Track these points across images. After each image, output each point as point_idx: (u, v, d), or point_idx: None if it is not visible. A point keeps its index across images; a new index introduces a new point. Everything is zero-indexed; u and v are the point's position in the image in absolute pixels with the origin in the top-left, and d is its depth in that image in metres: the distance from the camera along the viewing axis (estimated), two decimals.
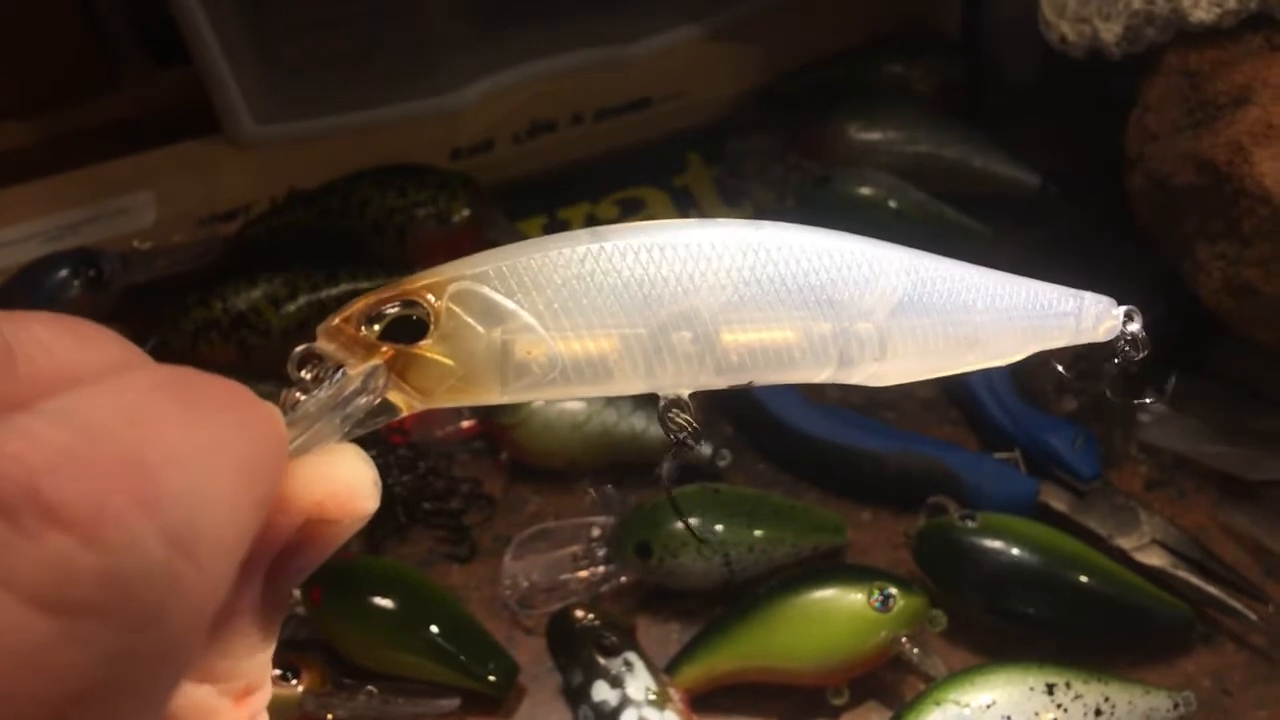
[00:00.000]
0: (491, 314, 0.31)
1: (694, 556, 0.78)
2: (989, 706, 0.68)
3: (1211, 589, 0.76)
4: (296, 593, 0.77)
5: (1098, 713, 0.69)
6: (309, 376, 0.31)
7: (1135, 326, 0.38)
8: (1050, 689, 0.69)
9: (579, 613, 0.75)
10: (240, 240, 0.99)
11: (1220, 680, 0.74)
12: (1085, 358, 0.89)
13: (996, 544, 0.75)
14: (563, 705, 0.76)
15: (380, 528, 0.85)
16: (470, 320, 0.31)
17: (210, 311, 0.91)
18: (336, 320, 0.31)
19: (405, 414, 0.32)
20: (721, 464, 0.85)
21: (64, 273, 0.93)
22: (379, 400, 0.31)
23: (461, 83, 1.05)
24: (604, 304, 0.32)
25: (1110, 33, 0.78)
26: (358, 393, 0.30)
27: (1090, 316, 0.37)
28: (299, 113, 1.04)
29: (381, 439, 0.87)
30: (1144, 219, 0.80)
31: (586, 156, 1.08)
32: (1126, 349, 0.38)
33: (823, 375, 0.35)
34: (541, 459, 0.86)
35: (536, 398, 0.33)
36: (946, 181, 0.98)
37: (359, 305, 0.31)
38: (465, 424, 0.88)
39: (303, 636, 0.79)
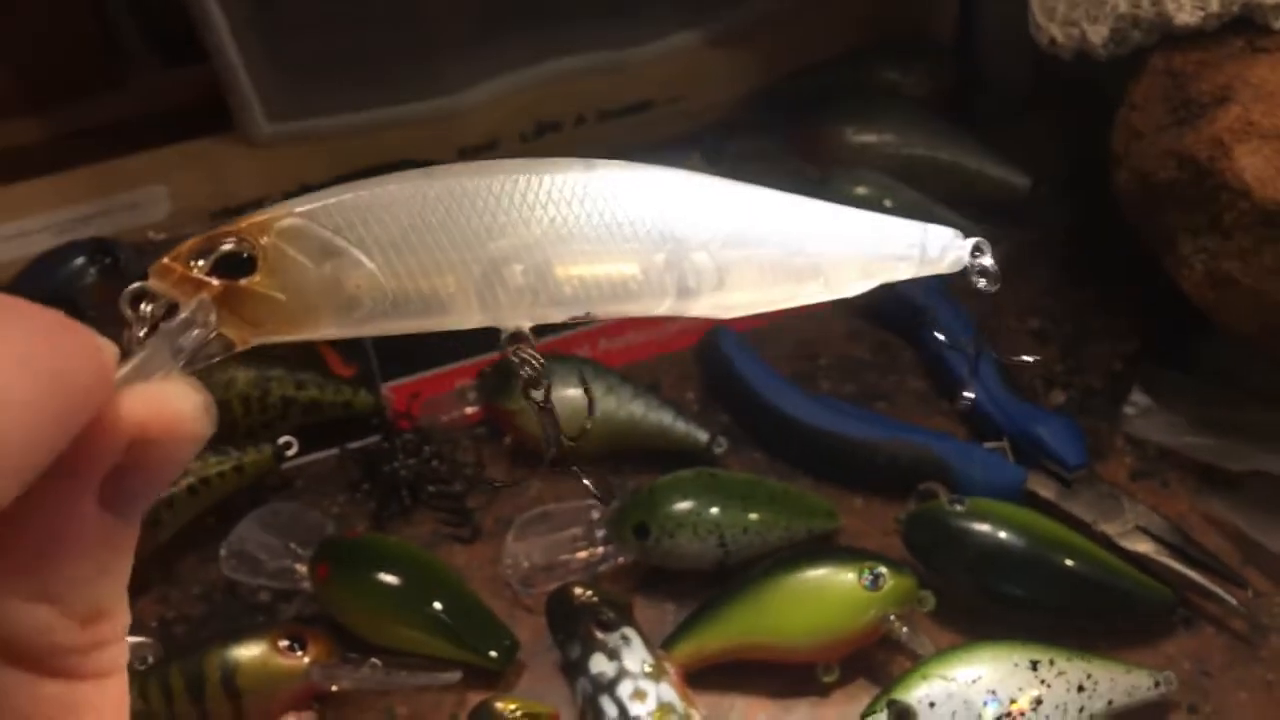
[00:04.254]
0: (320, 250, 0.32)
1: (690, 538, 0.80)
2: (975, 681, 0.71)
3: (1193, 574, 0.78)
4: (303, 569, 0.80)
5: (1080, 689, 0.71)
6: (144, 314, 0.32)
7: (987, 260, 0.38)
8: (1034, 665, 0.71)
9: (578, 590, 0.77)
10: None
11: (1201, 662, 0.77)
12: (1073, 354, 0.91)
13: (984, 527, 0.77)
14: (561, 681, 0.78)
15: (385, 509, 0.87)
16: (298, 256, 0.32)
17: None
18: (166, 259, 0.32)
19: (240, 347, 0.33)
20: (718, 451, 0.87)
21: (80, 260, 0.96)
22: (213, 334, 0.32)
23: (468, 83, 1.07)
24: (433, 239, 0.33)
25: (1097, 35, 0.80)
26: (189, 325, 0.31)
27: (935, 247, 0.38)
28: (310, 111, 1.06)
29: (388, 424, 0.90)
30: (1129, 214, 0.82)
31: (589, 156, 1.10)
32: (980, 281, 0.38)
33: (662, 307, 0.36)
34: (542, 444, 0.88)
35: (374, 331, 0.34)
36: (940, 183, 1.01)
37: (188, 244, 0.32)
38: (469, 409, 0.91)
39: (309, 611, 0.81)
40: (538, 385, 0.35)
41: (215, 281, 0.32)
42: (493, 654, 0.78)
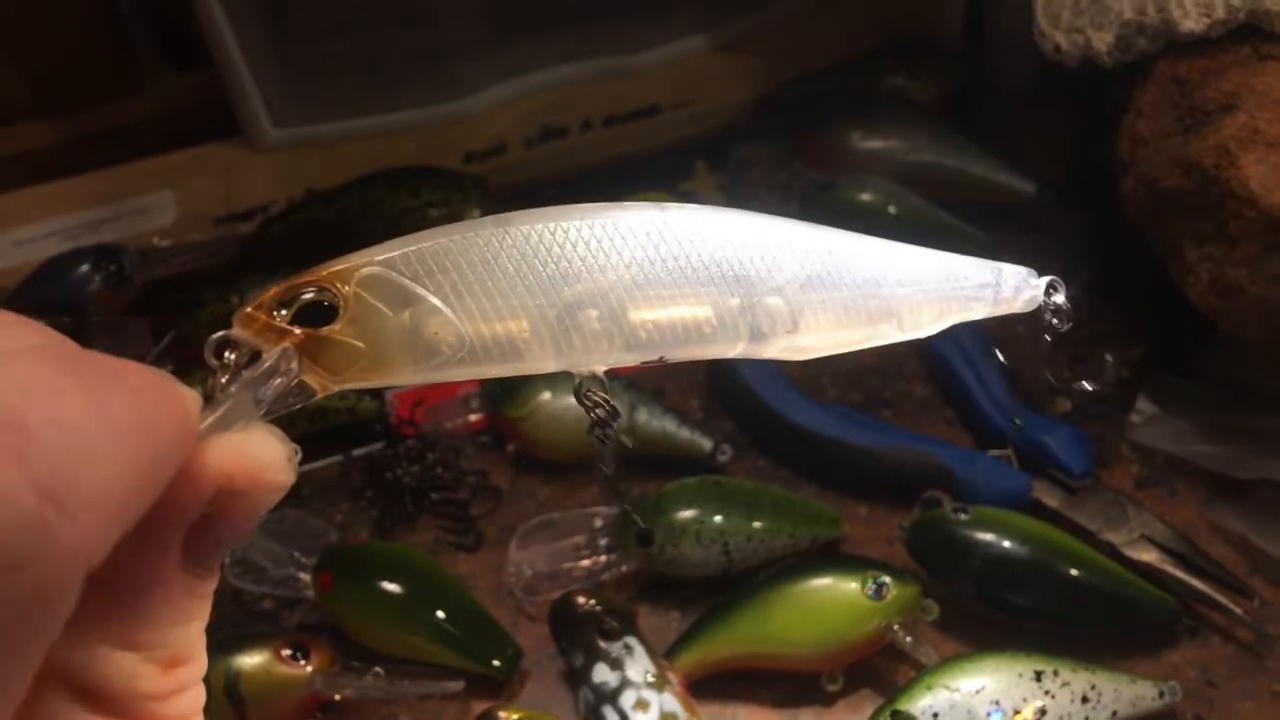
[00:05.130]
0: (399, 297, 0.33)
1: (694, 546, 0.80)
2: (979, 691, 0.70)
3: (1198, 584, 0.78)
4: (306, 577, 0.80)
5: (1084, 700, 0.71)
6: (229, 361, 0.32)
7: (1060, 298, 0.39)
8: (1038, 676, 0.71)
9: (581, 598, 0.77)
10: (258, 238, 1.02)
11: (1206, 672, 0.76)
12: (1082, 361, 0.91)
13: (988, 536, 0.77)
14: (564, 690, 0.78)
15: (388, 517, 0.87)
16: (378, 304, 0.33)
17: (227, 306, 0.93)
18: (249, 308, 0.33)
19: (320, 394, 0.33)
20: (722, 459, 0.87)
21: (85, 267, 0.96)
22: (294, 381, 0.32)
23: (475, 88, 1.07)
24: (509, 285, 0.33)
25: (1102, 42, 0.80)
26: (271, 375, 0.32)
27: (1010, 287, 0.38)
28: (316, 116, 1.06)
29: (392, 431, 0.90)
30: (1135, 221, 0.82)
31: (595, 161, 1.11)
32: (1052, 320, 0.38)
33: (736, 350, 0.36)
34: (547, 451, 0.88)
35: (451, 377, 0.34)
36: (945, 188, 1.01)
37: (270, 293, 0.33)
38: (473, 417, 0.91)
39: (313, 619, 0.81)
40: (608, 427, 0.35)
41: (297, 330, 0.32)
42: (496, 663, 0.78)
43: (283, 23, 1.02)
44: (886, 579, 0.75)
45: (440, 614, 0.78)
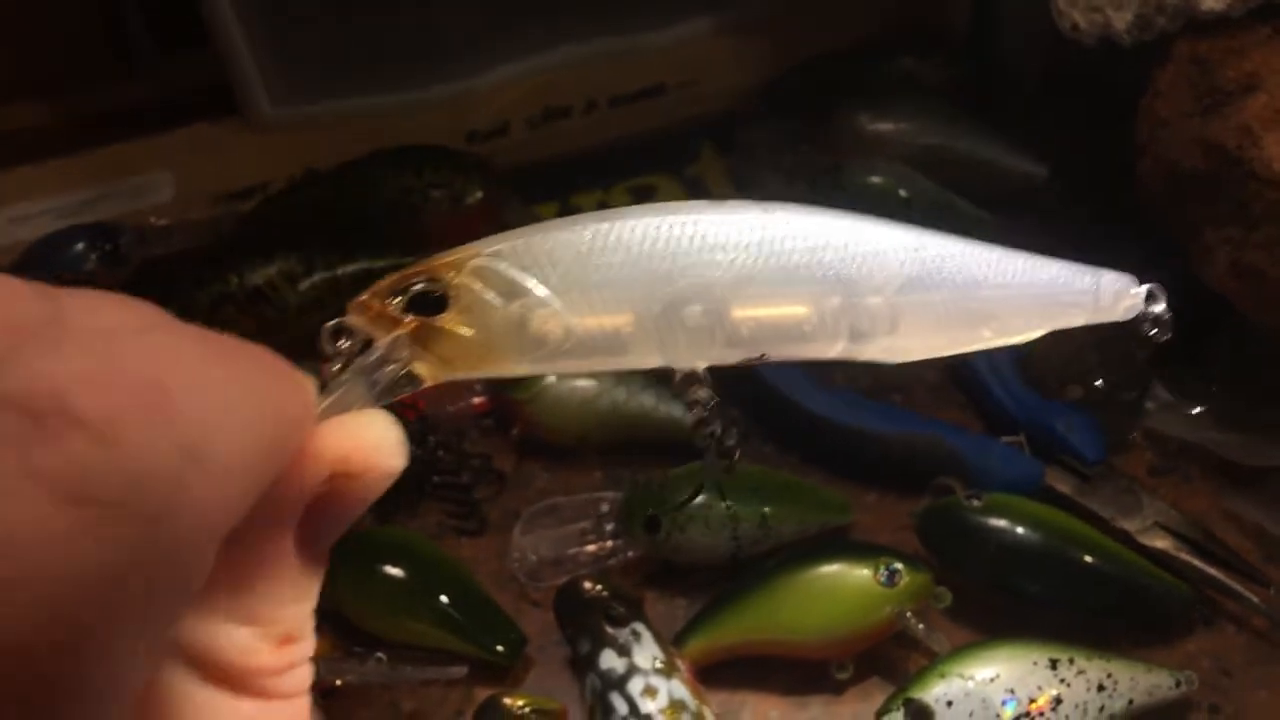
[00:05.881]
0: (508, 289, 0.33)
1: (702, 531, 0.78)
2: (993, 680, 0.69)
3: (1213, 571, 0.77)
4: None
5: (1100, 688, 0.70)
6: (342, 348, 0.33)
7: (1159, 307, 0.38)
8: (1054, 664, 0.70)
9: (587, 583, 0.76)
10: (257, 217, 1.00)
11: (1220, 661, 0.75)
12: (1093, 348, 0.90)
13: (1001, 523, 0.76)
14: (569, 677, 0.77)
15: (390, 501, 0.85)
16: (487, 294, 0.33)
17: (226, 286, 0.92)
18: (364, 296, 0.33)
19: (430, 383, 0.33)
20: (730, 444, 0.85)
21: (81, 246, 0.95)
22: (405, 369, 0.33)
23: (478, 68, 1.06)
24: (615, 279, 0.33)
25: (1122, 21, 0.79)
26: (384, 362, 0.32)
27: (1109, 294, 0.38)
28: (316, 95, 1.05)
29: (393, 412, 0.88)
30: (1152, 203, 0.81)
31: (600, 143, 1.09)
32: (1150, 329, 0.38)
33: (835, 350, 0.36)
34: (552, 435, 0.87)
35: (556, 369, 0.35)
36: (955, 172, 0.99)
37: (385, 282, 0.33)
38: (477, 400, 0.89)
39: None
40: (708, 425, 0.36)
41: (409, 319, 0.33)
42: (499, 648, 0.76)
43: (282, 1, 1.00)
44: (899, 565, 0.73)
45: (443, 599, 0.76)
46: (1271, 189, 0.70)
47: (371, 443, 0.30)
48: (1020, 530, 0.76)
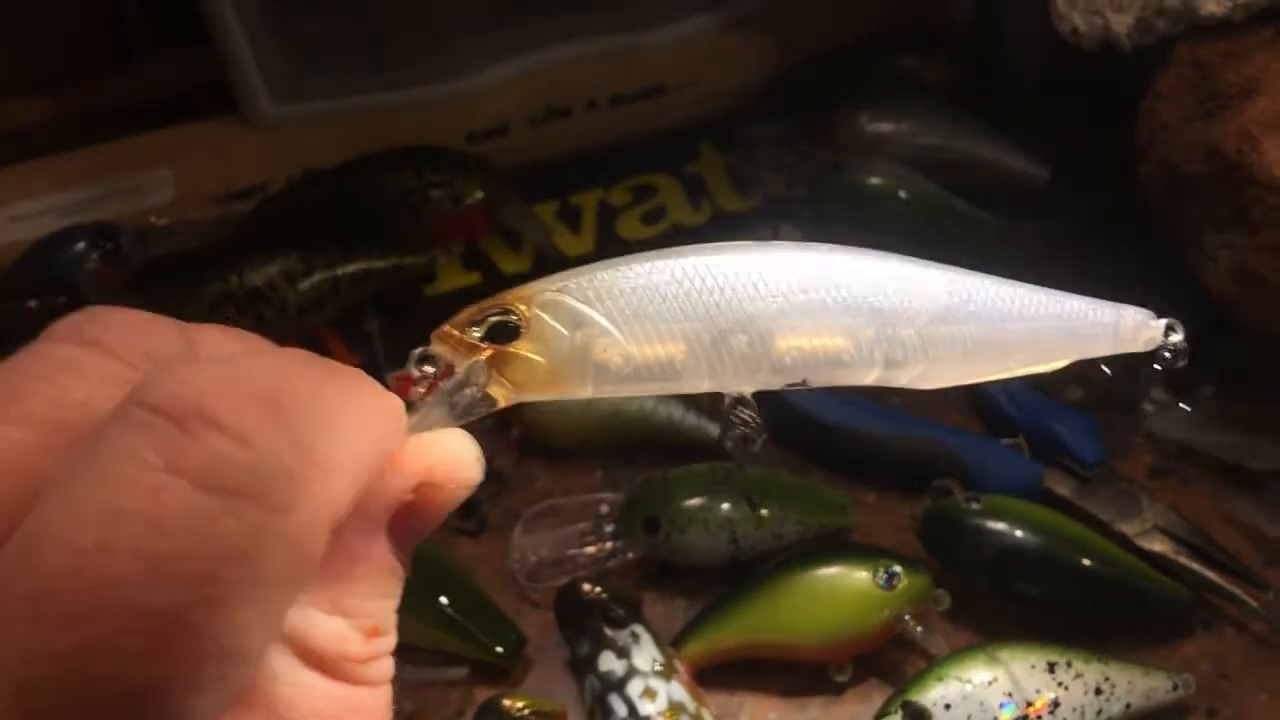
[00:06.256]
0: (574, 319, 0.36)
1: (701, 533, 0.78)
2: (991, 683, 0.69)
3: (1212, 575, 0.77)
4: None
5: (1098, 691, 0.70)
6: (427, 373, 0.36)
7: (1177, 337, 0.40)
8: (1051, 667, 0.70)
9: (587, 585, 0.76)
10: (257, 217, 1.00)
11: (1219, 665, 0.75)
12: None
13: (1000, 526, 0.76)
14: (568, 678, 0.77)
15: None
16: (556, 324, 0.36)
17: (227, 286, 0.91)
18: (446, 326, 0.37)
19: (504, 404, 0.37)
20: (729, 445, 0.86)
21: (82, 245, 0.94)
22: (483, 392, 0.36)
23: (478, 67, 1.06)
24: (670, 311, 0.37)
25: (1122, 24, 0.79)
26: (463, 385, 0.36)
27: (1129, 327, 0.40)
28: (316, 94, 1.05)
29: None
30: (1153, 207, 0.81)
31: (600, 142, 1.09)
32: (1168, 358, 0.40)
33: (871, 377, 0.38)
34: (552, 437, 0.87)
35: (617, 393, 0.37)
36: (956, 173, 0.99)
37: (464, 313, 0.37)
38: None
39: None
40: (751, 443, 0.39)
41: (486, 346, 0.36)
42: (499, 649, 0.76)
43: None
44: (898, 568, 0.74)
45: (443, 600, 0.76)
46: (1272, 194, 0.70)
47: (453, 457, 0.33)
48: (1019, 533, 0.76)
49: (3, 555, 0.25)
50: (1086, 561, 0.76)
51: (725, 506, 0.79)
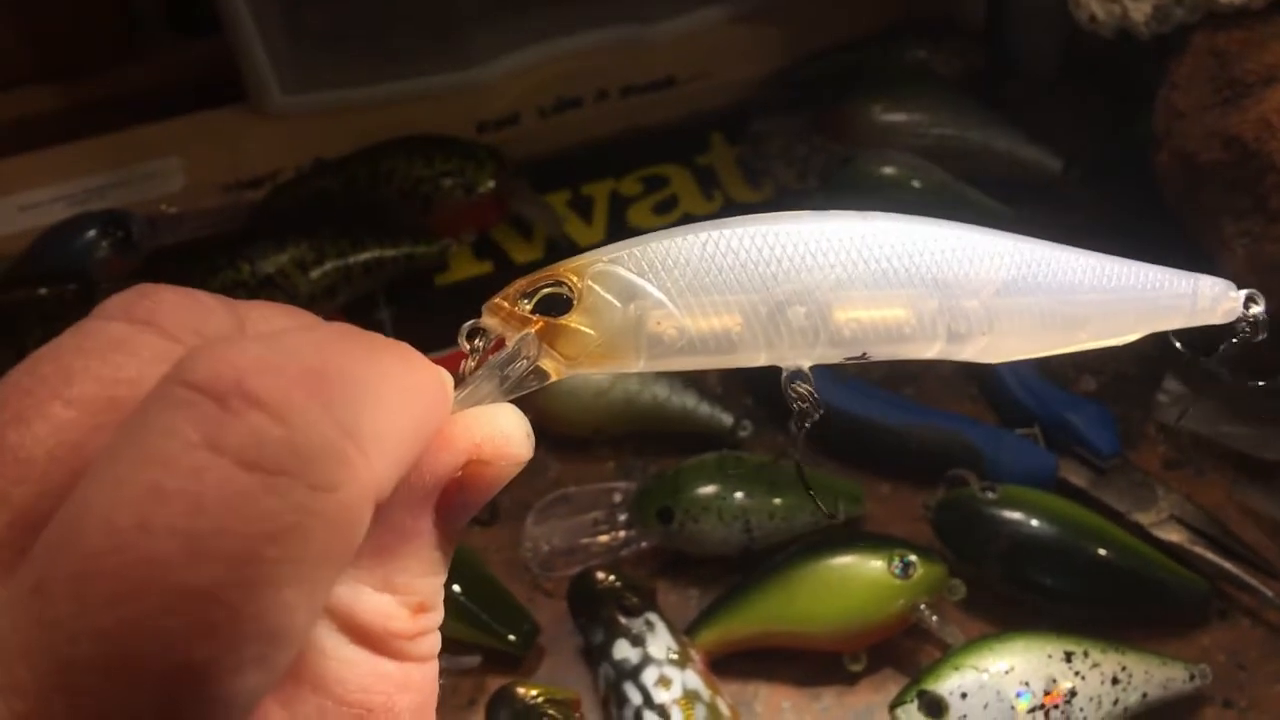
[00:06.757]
0: (627, 291, 0.36)
1: (715, 523, 0.78)
2: (1007, 672, 0.69)
3: (1228, 565, 0.76)
4: None
5: (1114, 681, 0.70)
6: (477, 346, 0.36)
7: (1259, 309, 0.39)
8: (1068, 657, 0.70)
9: (600, 574, 0.76)
10: (268, 206, 1.00)
11: (1235, 655, 0.75)
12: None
13: (1016, 515, 0.76)
14: (581, 666, 0.77)
15: None
16: (608, 296, 0.36)
17: (238, 273, 0.91)
18: (496, 298, 0.36)
19: (555, 378, 0.36)
20: (742, 434, 0.85)
21: (92, 233, 0.94)
22: (533, 366, 0.36)
23: (489, 57, 1.05)
24: (725, 283, 0.36)
25: (1140, 12, 0.78)
26: (514, 358, 0.35)
27: (1206, 298, 0.39)
28: (326, 83, 1.04)
29: None
30: (1169, 195, 0.80)
31: (611, 133, 1.09)
32: (1247, 331, 0.39)
33: (933, 350, 0.37)
34: (564, 426, 0.87)
35: (670, 367, 0.37)
36: (969, 164, 0.98)
37: (515, 285, 0.36)
38: None
39: None
40: (807, 419, 0.37)
41: (538, 319, 0.35)
42: (512, 638, 0.76)
43: None
44: (914, 558, 0.73)
45: (456, 589, 0.76)
46: None
47: (503, 433, 0.33)
48: (1034, 523, 0.76)
49: (45, 534, 0.25)
50: (1102, 552, 0.75)
51: (739, 495, 0.79)
